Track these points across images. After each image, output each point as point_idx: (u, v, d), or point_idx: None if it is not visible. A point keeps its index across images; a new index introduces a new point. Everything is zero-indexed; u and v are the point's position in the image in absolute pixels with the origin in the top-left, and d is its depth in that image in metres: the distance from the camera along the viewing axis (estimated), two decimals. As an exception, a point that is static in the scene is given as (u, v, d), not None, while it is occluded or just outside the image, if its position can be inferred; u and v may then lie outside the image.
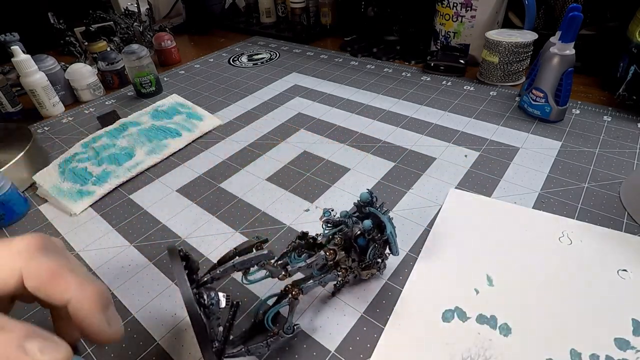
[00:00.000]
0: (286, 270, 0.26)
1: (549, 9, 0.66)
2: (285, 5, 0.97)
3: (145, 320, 0.30)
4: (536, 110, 0.51)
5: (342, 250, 0.28)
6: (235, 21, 1.05)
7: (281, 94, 0.65)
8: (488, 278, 0.31)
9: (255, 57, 0.82)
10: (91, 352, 0.28)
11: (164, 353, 0.27)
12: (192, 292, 0.21)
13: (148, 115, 0.57)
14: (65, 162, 0.48)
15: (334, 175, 0.44)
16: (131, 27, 0.87)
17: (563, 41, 0.46)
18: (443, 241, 0.35)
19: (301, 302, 0.30)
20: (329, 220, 0.28)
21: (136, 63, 0.64)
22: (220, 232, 0.38)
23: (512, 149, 0.47)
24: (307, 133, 0.53)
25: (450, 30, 0.69)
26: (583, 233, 0.34)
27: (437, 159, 0.46)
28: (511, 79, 0.62)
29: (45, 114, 0.63)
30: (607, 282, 0.30)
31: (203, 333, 0.20)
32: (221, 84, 0.70)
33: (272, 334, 0.25)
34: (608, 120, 0.51)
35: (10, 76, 0.73)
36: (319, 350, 0.27)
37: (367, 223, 0.27)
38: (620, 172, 0.42)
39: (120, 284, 0.33)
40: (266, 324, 0.26)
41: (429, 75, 0.68)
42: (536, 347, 0.26)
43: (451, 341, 0.27)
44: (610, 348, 0.26)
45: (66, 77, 0.66)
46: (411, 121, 0.54)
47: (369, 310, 0.29)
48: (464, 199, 0.39)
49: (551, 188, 0.40)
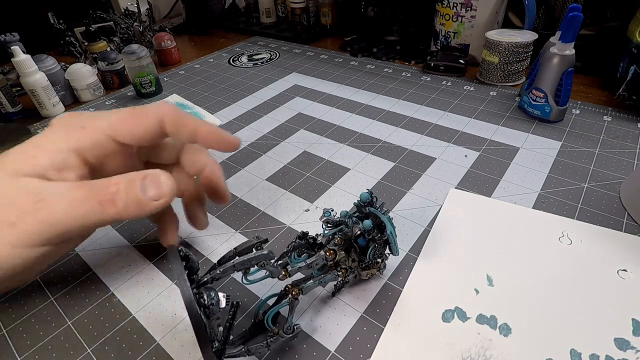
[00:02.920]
0: (286, 270, 0.26)
1: (549, 9, 0.66)
2: (285, 5, 0.97)
3: (145, 320, 0.30)
4: (536, 110, 0.51)
5: (343, 251, 0.28)
6: (235, 21, 1.05)
7: (281, 94, 0.65)
8: (488, 278, 0.31)
9: (255, 57, 0.82)
10: (91, 352, 0.28)
11: (164, 353, 0.27)
12: (192, 292, 0.21)
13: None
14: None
15: (334, 175, 0.44)
16: (131, 27, 0.87)
17: (563, 41, 0.46)
18: (443, 241, 0.35)
19: (301, 302, 0.30)
20: (329, 220, 0.28)
21: (136, 63, 0.64)
22: (220, 232, 0.38)
23: (512, 149, 0.47)
24: (307, 133, 0.53)
25: (450, 30, 0.69)
26: (583, 233, 0.34)
27: (437, 159, 0.46)
28: (511, 79, 0.62)
29: (46, 114, 0.63)
30: (607, 282, 0.30)
31: (203, 333, 0.20)
32: (221, 84, 0.70)
33: (272, 334, 0.25)
34: (608, 120, 0.51)
35: (10, 76, 0.73)
36: (319, 350, 0.27)
37: (367, 223, 0.27)
38: (620, 172, 0.42)
39: (120, 284, 0.33)
40: (266, 324, 0.26)
41: (429, 75, 0.68)
42: (536, 347, 0.26)
43: (451, 341, 0.27)
44: (610, 348, 0.26)
45: (66, 77, 0.66)
46: (411, 121, 0.54)
47: (369, 310, 0.29)
48: (464, 199, 0.39)
49: (551, 188, 0.40)
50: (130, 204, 0.22)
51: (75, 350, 0.28)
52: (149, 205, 0.23)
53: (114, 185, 0.22)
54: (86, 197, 0.22)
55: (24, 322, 0.30)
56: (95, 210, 0.22)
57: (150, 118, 0.26)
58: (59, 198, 0.22)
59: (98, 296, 0.32)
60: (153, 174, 0.23)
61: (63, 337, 0.29)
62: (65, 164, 0.24)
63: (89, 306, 0.31)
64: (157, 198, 0.23)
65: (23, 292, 0.33)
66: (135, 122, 0.26)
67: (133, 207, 0.22)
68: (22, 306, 0.31)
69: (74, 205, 0.22)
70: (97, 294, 0.32)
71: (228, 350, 0.24)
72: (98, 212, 0.22)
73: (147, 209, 0.23)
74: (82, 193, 0.22)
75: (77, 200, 0.22)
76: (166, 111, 0.26)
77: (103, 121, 0.25)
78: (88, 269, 0.35)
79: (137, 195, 0.23)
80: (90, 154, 0.25)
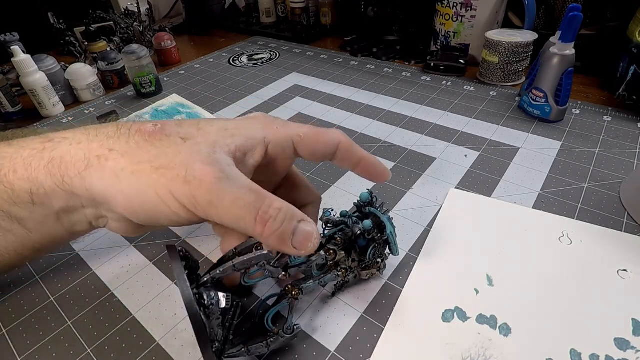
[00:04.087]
0: (286, 271, 0.26)
1: (549, 9, 0.66)
2: (285, 5, 0.97)
3: (145, 320, 0.30)
4: (536, 110, 0.51)
5: (343, 251, 0.28)
6: (235, 21, 1.05)
7: (281, 94, 0.65)
8: (488, 278, 0.31)
9: (255, 57, 0.82)
10: (91, 352, 0.28)
11: (164, 353, 0.27)
12: (192, 292, 0.21)
13: (148, 116, 0.57)
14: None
15: (334, 175, 0.44)
16: (131, 27, 0.87)
17: (563, 41, 0.46)
18: (443, 241, 0.35)
19: (301, 302, 0.30)
20: (329, 220, 0.28)
21: (136, 63, 0.64)
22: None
23: (512, 149, 0.47)
24: (307, 133, 0.53)
25: (450, 30, 0.69)
26: (583, 233, 0.34)
27: (437, 159, 0.46)
28: (511, 79, 0.62)
29: (46, 114, 0.63)
30: (607, 282, 0.30)
31: (203, 333, 0.20)
32: (221, 84, 0.70)
33: (272, 334, 0.25)
34: (608, 120, 0.51)
35: (10, 76, 0.73)
36: (319, 350, 0.27)
37: (367, 223, 0.27)
38: (620, 172, 0.42)
39: (120, 284, 0.33)
40: (266, 324, 0.26)
41: (429, 75, 0.68)
42: (536, 347, 0.26)
43: (451, 341, 0.27)
44: (610, 348, 0.26)
45: (66, 77, 0.66)
46: (411, 121, 0.54)
47: (369, 310, 0.29)
48: (464, 198, 0.39)
49: (551, 188, 0.40)
50: (276, 235, 0.22)
51: (75, 350, 0.28)
52: (287, 247, 0.22)
53: (275, 210, 0.22)
54: (248, 206, 0.22)
55: (24, 322, 0.30)
56: (247, 221, 0.22)
57: (331, 139, 0.28)
58: (230, 189, 0.22)
59: (98, 296, 0.32)
60: (309, 225, 0.23)
61: (63, 337, 0.29)
62: (252, 150, 0.26)
63: (89, 306, 0.31)
64: (299, 248, 0.23)
65: (23, 292, 0.33)
66: (318, 139, 0.28)
67: (274, 239, 0.22)
68: (22, 306, 0.31)
69: (235, 205, 0.22)
70: (97, 294, 0.32)
71: (228, 350, 0.24)
72: (248, 224, 0.22)
73: (284, 248, 0.23)
74: (249, 200, 0.22)
75: (241, 201, 0.22)
76: (342, 138, 0.28)
77: (292, 128, 0.28)
78: (88, 269, 0.35)
79: (286, 233, 0.22)
80: (272, 150, 0.27)
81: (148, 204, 0.22)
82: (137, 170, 0.22)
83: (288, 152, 0.28)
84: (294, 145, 0.28)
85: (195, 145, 0.24)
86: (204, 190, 0.22)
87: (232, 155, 0.24)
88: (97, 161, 0.23)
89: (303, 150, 0.28)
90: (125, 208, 0.23)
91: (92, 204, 0.24)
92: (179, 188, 0.22)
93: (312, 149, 0.28)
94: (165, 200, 0.22)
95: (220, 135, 0.25)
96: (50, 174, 0.23)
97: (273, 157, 0.28)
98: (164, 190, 0.22)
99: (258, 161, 0.26)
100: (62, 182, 0.23)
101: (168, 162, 0.22)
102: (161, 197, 0.22)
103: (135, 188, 0.22)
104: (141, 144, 0.23)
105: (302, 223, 0.23)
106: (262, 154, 0.26)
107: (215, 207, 0.22)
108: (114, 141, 0.24)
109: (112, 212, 0.25)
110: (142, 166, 0.22)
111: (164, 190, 0.22)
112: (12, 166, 0.24)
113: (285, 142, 0.27)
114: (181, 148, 0.23)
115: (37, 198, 0.24)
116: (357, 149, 0.29)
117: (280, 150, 0.27)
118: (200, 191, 0.22)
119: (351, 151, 0.28)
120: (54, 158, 0.24)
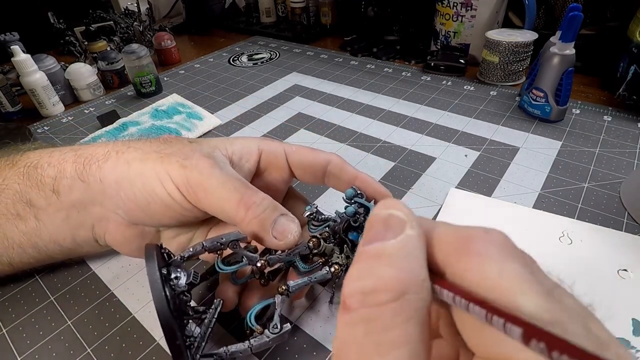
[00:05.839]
0: (266, 259, 0.25)
1: (549, 9, 0.66)
2: (285, 5, 0.97)
3: (145, 320, 0.30)
4: (536, 110, 0.51)
5: (331, 244, 0.27)
6: (235, 21, 1.05)
7: (281, 93, 0.65)
8: (488, 278, 0.31)
9: (255, 56, 0.82)
10: (91, 351, 0.28)
11: (164, 353, 0.27)
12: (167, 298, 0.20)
13: (148, 115, 0.57)
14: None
15: (334, 175, 0.44)
16: (131, 26, 0.87)
17: (563, 41, 0.46)
18: (443, 241, 0.35)
19: (301, 302, 0.30)
20: (313, 216, 0.27)
21: (136, 63, 0.64)
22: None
23: (512, 149, 0.47)
24: (307, 133, 0.53)
25: (450, 30, 0.69)
26: (583, 233, 0.34)
27: (437, 159, 0.46)
28: (511, 79, 0.62)
29: (45, 113, 0.63)
30: (607, 282, 0.30)
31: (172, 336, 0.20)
32: (221, 84, 0.70)
33: (256, 334, 0.23)
34: (608, 120, 0.51)
35: (10, 76, 0.73)
36: (319, 350, 0.27)
37: (349, 209, 0.26)
38: (620, 172, 0.42)
39: (120, 284, 0.33)
40: (248, 321, 0.24)
41: (429, 75, 0.68)
42: (536, 347, 0.26)
43: (451, 341, 0.27)
44: (611, 348, 0.26)
45: (66, 76, 0.66)
46: (411, 121, 0.54)
47: (369, 310, 0.29)
48: (464, 198, 0.39)
49: (551, 188, 0.40)
50: (257, 220, 0.24)
51: (75, 350, 0.28)
52: (266, 234, 0.24)
53: (259, 198, 0.25)
54: (235, 190, 0.25)
55: (24, 322, 0.30)
56: (232, 203, 0.25)
57: (323, 155, 0.30)
58: (220, 174, 0.25)
59: (98, 296, 0.32)
60: (291, 220, 0.25)
61: (63, 337, 0.29)
62: (247, 155, 0.30)
63: (89, 306, 0.31)
64: (278, 238, 0.25)
65: (23, 292, 0.33)
66: (310, 152, 0.30)
67: (255, 223, 0.24)
68: (22, 306, 0.31)
69: (223, 187, 0.25)
70: (97, 294, 0.32)
71: (207, 350, 0.22)
72: (231, 206, 0.25)
73: (263, 235, 0.25)
74: (237, 184, 0.25)
75: (229, 184, 0.25)
76: (335, 157, 0.30)
77: (285, 145, 0.31)
78: (88, 269, 0.35)
79: (267, 220, 0.25)
80: (265, 157, 0.30)
81: (147, 185, 0.26)
82: (145, 159, 0.26)
83: (281, 160, 0.30)
84: (286, 155, 0.30)
85: (198, 145, 0.28)
86: (197, 173, 0.25)
87: (228, 158, 0.28)
88: (115, 154, 0.27)
89: (294, 162, 0.30)
90: (128, 195, 0.26)
91: (101, 199, 0.27)
92: (176, 171, 0.25)
93: (303, 161, 0.30)
94: (162, 180, 0.25)
95: (220, 141, 0.30)
96: (75, 164, 0.27)
97: (267, 164, 0.30)
98: (163, 171, 0.26)
99: (253, 165, 0.30)
100: (82, 172, 0.27)
101: (172, 152, 0.27)
102: (159, 177, 0.26)
103: (140, 171, 0.26)
104: (155, 142, 0.28)
105: (284, 216, 0.25)
106: (257, 160, 0.30)
107: (204, 189, 0.25)
108: (135, 142, 0.29)
109: (115, 208, 0.27)
110: (150, 155, 0.27)
111: (163, 171, 0.26)
112: (49, 160, 0.28)
113: (278, 151, 0.30)
114: (186, 145, 0.28)
115: (58, 185, 0.27)
116: (350, 168, 0.29)
117: (273, 158, 0.30)
118: (193, 173, 0.25)
119: (344, 170, 0.29)
120: (83, 154, 0.28)
